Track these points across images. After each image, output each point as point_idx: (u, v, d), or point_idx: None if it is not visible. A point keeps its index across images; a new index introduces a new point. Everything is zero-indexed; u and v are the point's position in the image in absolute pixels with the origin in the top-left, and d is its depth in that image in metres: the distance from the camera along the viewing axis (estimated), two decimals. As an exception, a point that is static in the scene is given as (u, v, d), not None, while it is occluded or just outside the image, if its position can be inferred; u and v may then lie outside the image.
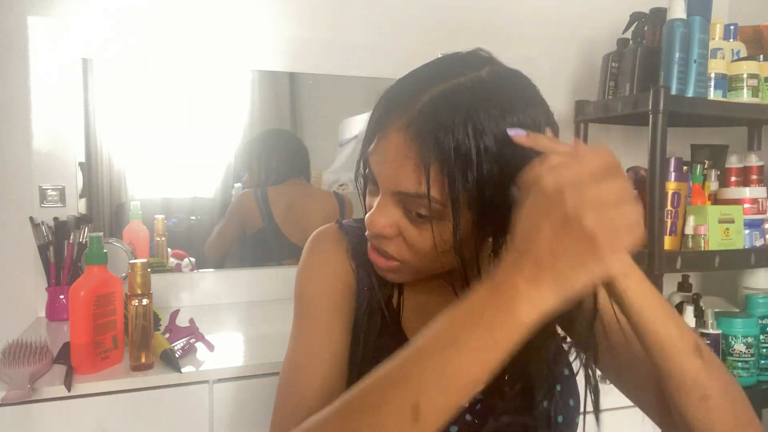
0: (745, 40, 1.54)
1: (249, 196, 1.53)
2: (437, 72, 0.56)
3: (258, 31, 1.47)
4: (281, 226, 1.55)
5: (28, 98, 1.31)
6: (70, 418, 0.90)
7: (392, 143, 0.55)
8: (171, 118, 1.44)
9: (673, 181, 1.39)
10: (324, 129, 1.59)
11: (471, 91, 0.53)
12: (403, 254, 0.59)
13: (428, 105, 0.53)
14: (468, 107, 0.52)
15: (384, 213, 0.57)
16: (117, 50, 1.36)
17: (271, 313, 1.40)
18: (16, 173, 1.32)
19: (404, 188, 0.55)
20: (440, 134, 0.52)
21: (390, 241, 0.59)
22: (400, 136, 0.54)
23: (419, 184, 0.53)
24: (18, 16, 1.29)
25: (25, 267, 1.33)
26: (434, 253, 0.57)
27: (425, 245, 0.57)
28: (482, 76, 0.54)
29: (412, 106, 0.54)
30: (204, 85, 1.46)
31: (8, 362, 0.89)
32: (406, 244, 0.58)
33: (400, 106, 0.55)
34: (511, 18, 1.66)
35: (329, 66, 1.52)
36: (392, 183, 0.56)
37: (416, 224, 0.57)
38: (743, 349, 1.39)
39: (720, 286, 1.78)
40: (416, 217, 0.56)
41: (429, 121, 0.52)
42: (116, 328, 0.98)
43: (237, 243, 1.54)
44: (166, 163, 1.45)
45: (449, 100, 0.53)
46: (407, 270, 0.61)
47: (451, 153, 0.51)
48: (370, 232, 0.59)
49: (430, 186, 0.52)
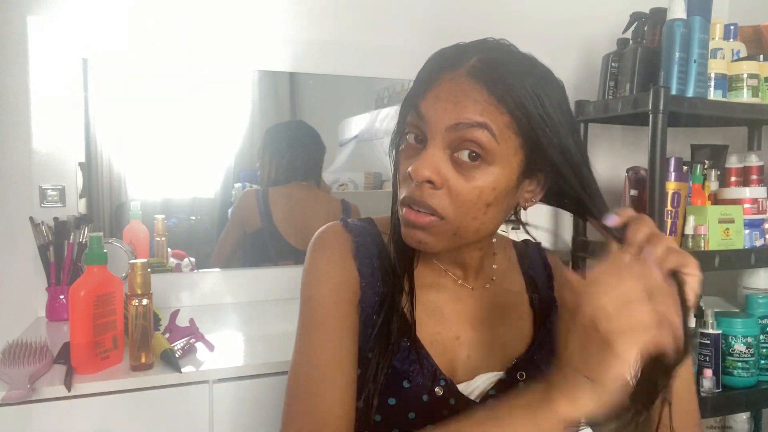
0: (745, 40, 1.54)
1: (251, 195, 1.53)
2: (477, 42, 0.62)
3: (258, 31, 1.47)
4: (279, 228, 1.55)
5: (28, 98, 1.31)
6: (70, 418, 0.90)
7: (448, 86, 0.58)
8: (171, 118, 1.44)
9: (673, 181, 1.39)
10: (324, 129, 1.59)
11: (517, 56, 0.61)
12: (445, 208, 0.59)
13: (481, 61, 0.59)
14: (518, 64, 0.59)
15: (432, 160, 0.58)
16: (117, 50, 1.36)
17: (272, 313, 1.40)
18: (16, 173, 1.32)
19: (464, 118, 0.57)
20: (499, 75, 0.57)
21: (434, 192, 0.59)
22: (457, 82, 0.58)
23: (479, 114, 0.56)
24: (18, 16, 1.29)
25: (25, 267, 1.33)
26: (477, 205, 0.58)
27: (470, 196, 0.58)
28: (522, 54, 0.62)
29: (465, 62, 0.59)
30: (204, 85, 1.46)
31: (8, 362, 0.89)
32: (450, 196, 0.58)
33: (451, 65, 0.59)
34: (512, 18, 1.65)
35: (329, 66, 1.52)
36: (450, 116, 0.57)
37: (462, 172, 0.58)
38: (743, 349, 1.39)
39: (720, 286, 1.78)
40: (465, 161, 0.58)
41: (485, 69, 0.58)
42: (116, 328, 0.98)
43: (239, 243, 1.54)
44: (166, 163, 1.45)
45: (500, 57, 0.59)
46: (444, 231, 0.60)
47: (511, 93, 0.57)
48: (416, 179, 0.58)
49: (490, 117, 0.57)
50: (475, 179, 0.58)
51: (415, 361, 0.64)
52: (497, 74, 0.57)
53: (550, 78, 0.62)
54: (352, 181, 1.65)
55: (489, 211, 0.59)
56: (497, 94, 0.57)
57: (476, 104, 0.57)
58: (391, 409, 0.64)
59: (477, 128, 0.56)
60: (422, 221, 0.59)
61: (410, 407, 0.63)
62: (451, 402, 0.64)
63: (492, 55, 0.59)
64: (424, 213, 0.59)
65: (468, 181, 0.58)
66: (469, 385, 0.66)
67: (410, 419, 0.63)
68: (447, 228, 0.60)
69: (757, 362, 1.42)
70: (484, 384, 0.66)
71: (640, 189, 1.50)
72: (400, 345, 0.65)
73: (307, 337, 0.65)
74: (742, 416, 1.58)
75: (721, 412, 1.46)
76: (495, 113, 0.57)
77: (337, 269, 0.67)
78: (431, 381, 0.64)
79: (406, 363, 0.64)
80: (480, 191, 0.58)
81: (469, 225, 0.60)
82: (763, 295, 1.49)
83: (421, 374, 0.64)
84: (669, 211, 1.38)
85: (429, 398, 0.63)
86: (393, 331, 0.64)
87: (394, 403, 0.64)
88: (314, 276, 0.68)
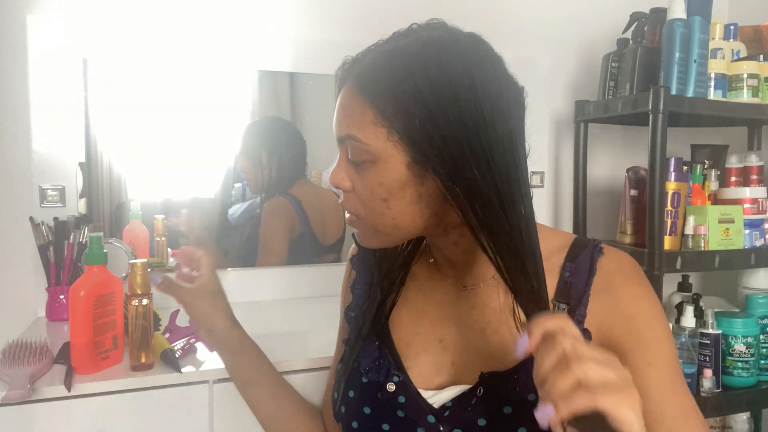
0: (745, 40, 1.54)
1: (284, 203, 1.54)
2: (388, 38, 0.63)
3: (258, 31, 1.47)
4: (314, 229, 1.56)
5: (28, 98, 1.31)
6: (70, 418, 0.90)
7: (341, 96, 0.62)
8: (171, 118, 1.44)
9: (673, 181, 1.39)
10: (324, 129, 1.58)
11: (409, 49, 0.58)
12: (357, 209, 0.63)
13: (371, 61, 0.60)
14: (406, 62, 0.57)
15: (338, 168, 0.63)
16: (117, 50, 1.36)
17: (272, 313, 1.40)
18: (16, 173, 1.32)
19: (338, 132, 0.62)
20: (376, 79, 0.58)
21: (348, 195, 0.63)
22: (347, 89, 0.61)
23: (346, 125, 0.60)
24: (17, 16, 1.29)
25: (25, 267, 1.33)
26: (374, 201, 0.60)
27: (365, 193, 0.61)
28: (424, 36, 0.60)
29: (359, 64, 0.61)
30: (204, 85, 1.46)
31: (8, 362, 0.89)
32: (356, 195, 0.62)
33: (351, 68, 0.62)
34: (511, 18, 1.65)
35: (329, 66, 1.51)
36: (338, 128, 0.62)
37: (359, 173, 0.61)
38: (743, 349, 1.39)
39: (720, 286, 1.78)
40: (358, 163, 0.60)
41: (368, 72, 0.59)
42: (116, 328, 0.98)
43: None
44: (166, 163, 1.45)
45: (390, 56, 0.59)
46: (366, 228, 0.64)
47: (383, 95, 0.57)
48: (332, 186, 0.64)
49: (365, 125, 0.58)
50: (365, 177, 0.60)
51: (377, 358, 0.68)
52: (369, 72, 0.59)
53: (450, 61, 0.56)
54: (352, 181, 1.65)
55: (392, 205, 0.60)
56: (363, 92, 0.58)
57: (345, 114, 0.60)
58: (350, 401, 0.68)
59: (347, 140, 0.60)
60: (348, 221, 0.65)
61: (365, 402, 0.67)
62: (401, 400, 0.64)
63: (381, 57, 0.59)
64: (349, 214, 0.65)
65: (362, 180, 0.61)
66: (436, 394, 0.64)
67: (365, 413, 0.66)
68: (366, 225, 0.63)
69: (757, 362, 1.42)
70: (449, 397, 0.64)
71: (640, 189, 1.50)
72: (369, 343, 0.69)
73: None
74: (742, 416, 1.58)
75: (721, 412, 1.46)
76: (359, 115, 0.59)
77: (344, 278, 0.81)
78: (385, 377, 0.66)
79: (369, 360, 0.68)
80: (371, 188, 0.60)
81: (380, 220, 0.61)
82: (763, 295, 1.49)
83: (378, 371, 0.67)
84: (669, 211, 1.38)
85: (382, 395, 0.66)
86: (363, 328, 0.70)
87: (353, 396, 0.68)
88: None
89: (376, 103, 0.57)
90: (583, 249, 0.68)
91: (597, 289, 0.65)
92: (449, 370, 0.66)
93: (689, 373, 1.36)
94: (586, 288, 0.65)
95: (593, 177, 1.71)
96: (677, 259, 1.35)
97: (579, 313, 0.64)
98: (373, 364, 0.68)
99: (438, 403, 0.64)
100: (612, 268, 0.66)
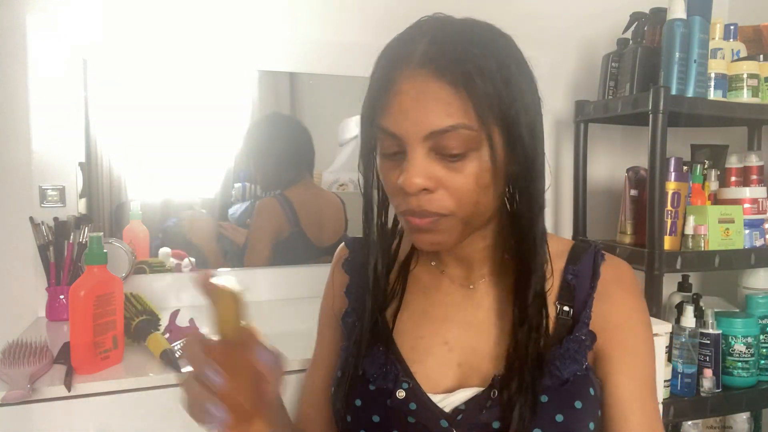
0: (745, 40, 1.54)
1: (274, 204, 1.53)
2: (416, 27, 0.60)
3: (258, 31, 1.47)
4: (306, 230, 1.55)
5: (28, 98, 1.30)
6: (70, 418, 0.90)
7: (406, 93, 0.56)
8: (171, 118, 1.44)
9: (673, 181, 1.39)
10: (324, 129, 1.59)
11: (460, 26, 0.58)
12: (448, 207, 0.58)
13: (429, 47, 0.56)
14: (467, 36, 0.57)
15: (417, 168, 0.56)
16: (117, 50, 1.36)
17: (272, 313, 1.39)
18: (16, 173, 1.32)
19: (435, 126, 0.55)
20: (454, 60, 0.55)
21: (432, 196, 0.58)
22: (415, 80, 0.56)
23: (448, 116, 0.55)
24: (17, 15, 1.29)
25: (25, 267, 1.33)
26: (477, 191, 0.58)
27: (468, 186, 0.57)
28: (471, 21, 0.61)
29: (412, 57, 0.57)
30: (204, 85, 1.46)
31: (8, 362, 0.89)
32: (448, 193, 0.58)
33: (399, 62, 0.57)
34: (511, 18, 1.64)
35: (329, 66, 1.52)
36: (421, 127, 0.56)
37: (452, 168, 0.57)
38: (743, 349, 1.39)
39: (720, 286, 1.78)
40: (451, 159, 0.56)
41: (437, 57, 0.55)
42: (116, 328, 0.98)
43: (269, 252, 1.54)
44: (166, 163, 1.44)
45: (447, 36, 0.57)
46: (452, 225, 0.60)
47: (471, 74, 0.55)
48: (409, 192, 0.57)
49: (459, 113, 0.55)
50: (467, 167, 0.57)
51: (383, 364, 0.65)
52: (451, 57, 0.55)
53: (499, 40, 0.61)
54: (352, 181, 1.65)
55: (489, 191, 0.59)
56: (457, 80, 0.55)
57: (441, 104, 0.55)
58: (357, 410, 0.66)
59: (451, 131, 0.55)
60: (427, 223, 0.59)
61: (374, 410, 0.64)
62: (412, 407, 0.62)
63: (439, 36, 0.57)
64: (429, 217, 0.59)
65: (460, 173, 0.57)
66: (446, 398, 0.64)
67: (374, 422, 0.64)
68: (454, 221, 0.60)
69: (757, 362, 1.42)
70: (460, 400, 0.63)
71: (640, 189, 1.50)
72: (373, 349, 0.67)
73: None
74: (742, 416, 1.58)
75: (721, 412, 1.46)
76: (459, 103, 0.55)
77: (328, 289, 0.78)
78: (393, 384, 0.64)
79: (375, 366, 0.66)
80: (476, 176, 0.57)
81: (475, 211, 0.60)
82: (763, 295, 1.49)
83: (386, 377, 0.65)
84: (669, 211, 1.38)
85: (392, 402, 0.63)
86: (364, 335, 0.67)
87: (360, 405, 0.65)
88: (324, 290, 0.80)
89: (468, 87, 0.55)
90: (584, 253, 0.70)
91: (597, 293, 0.67)
92: (455, 372, 0.66)
93: (689, 373, 1.36)
94: (591, 291, 0.67)
95: (593, 177, 1.71)
96: (677, 259, 1.35)
97: (584, 315, 0.66)
98: (379, 371, 0.65)
99: (449, 407, 0.63)
100: (611, 276, 0.68)
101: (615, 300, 0.67)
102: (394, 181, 0.59)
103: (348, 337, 0.72)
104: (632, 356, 0.65)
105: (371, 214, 0.66)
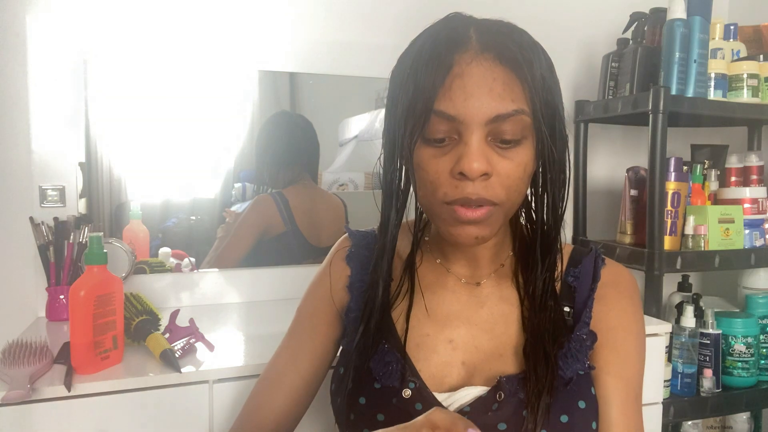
0: (745, 40, 1.54)
1: (269, 201, 1.53)
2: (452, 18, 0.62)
3: (258, 31, 1.47)
4: (302, 229, 1.55)
5: (28, 98, 1.31)
6: (70, 418, 0.90)
7: (469, 76, 0.56)
8: (171, 119, 1.44)
9: (673, 181, 1.39)
10: (324, 129, 1.59)
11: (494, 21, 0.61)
12: (499, 194, 0.58)
13: (481, 35, 0.58)
14: (508, 29, 0.60)
15: (479, 153, 0.56)
16: (117, 50, 1.36)
17: (272, 313, 1.39)
18: (16, 173, 1.32)
19: (501, 110, 0.56)
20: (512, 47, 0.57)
21: (487, 183, 0.57)
22: (477, 66, 0.56)
23: (512, 101, 0.56)
24: (17, 15, 1.29)
25: (25, 267, 1.33)
26: (524, 181, 0.60)
27: (517, 174, 0.58)
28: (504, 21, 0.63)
29: (470, 41, 0.58)
30: (204, 85, 1.46)
31: (8, 362, 0.89)
32: (500, 181, 0.58)
33: (455, 45, 0.57)
34: (511, 18, 1.65)
35: (329, 66, 1.52)
36: (485, 110, 0.55)
37: (504, 155, 0.58)
38: (743, 349, 1.39)
39: (720, 286, 1.78)
40: (503, 146, 0.57)
41: (495, 44, 0.57)
42: (116, 328, 0.98)
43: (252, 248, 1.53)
44: (166, 163, 1.44)
45: (491, 27, 0.59)
46: (498, 217, 0.60)
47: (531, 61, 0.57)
48: (473, 177, 0.56)
49: (521, 99, 0.57)
50: (519, 155, 0.58)
51: (389, 363, 0.64)
52: (508, 44, 0.57)
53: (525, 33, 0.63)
54: (352, 181, 1.65)
55: (528, 182, 0.62)
56: (520, 66, 0.57)
57: (506, 88, 0.56)
58: (361, 408, 0.65)
59: (515, 116, 0.56)
60: (480, 215, 0.58)
61: (379, 408, 0.64)
62: (418, 407, 0.62)
63: (484, 27, 0.60)
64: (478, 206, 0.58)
65: (512, 161, 0.58)
66: (451, 396, 0.63)
67: (379, 420, 0.63)
68: (500, 213, 0.60)
69: (757, 362, 1.42)
70: (464, 399, 0.63)
71: (640, 189, 1.50)
72: (379, 347, 0.66)
73: (281, 343, 0.75)
74: (742, 416, 1.58)
75: (721, 412, 1.46)
76: (520, 89, 0.57)
77: (325, 278, 0.74)
78: (400, 383, 0.63)
79: (381, 364, 0.65)
80: (524, 166, 0.59)
81: (517, 202, 0.61)
82: (763, 295, 1.49)
83: (391, 376, 0.64)
84: (669, 211, 1.38)
85: (398, 401, 0.63)
86: (369, 333, 0.66)
87: (364, 403, 0.65)
88: (308, 288, 0.77)
89: (528, 74, 0.56)
90: (584, 256, 0.72)
91: (596, 295, 0.69)
92: (459, 370, 0.65)
93: (689, 373, 1.36)
94: (591, 293, 0.68)
95: (593, 177, 1.71)
96: (677, 259, 1.35)
97: (585, 315, 0.67)
98: (385, 369, 0.64)
99: (453, 407, 0.62)
100: (610, 280, 0.70)
101: (611, 303, 0.68)
102: (441, 168, 0.58)
103: (349, 333, 0.70)
104: (621, 357, 0.66)
105: (391, 209, 0.64)
